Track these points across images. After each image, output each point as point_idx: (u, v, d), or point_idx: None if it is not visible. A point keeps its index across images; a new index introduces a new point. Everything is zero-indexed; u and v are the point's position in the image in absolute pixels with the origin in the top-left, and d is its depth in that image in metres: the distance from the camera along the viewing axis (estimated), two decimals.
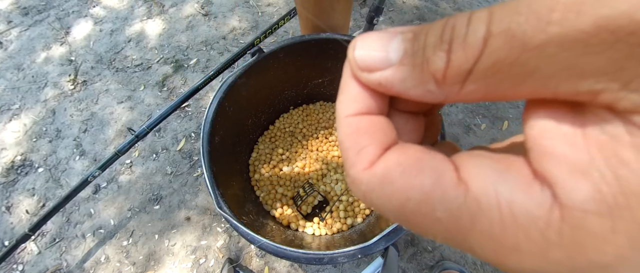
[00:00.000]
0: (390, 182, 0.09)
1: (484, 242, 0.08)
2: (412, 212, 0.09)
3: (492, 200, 0.08)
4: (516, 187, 0.08)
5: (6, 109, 0.98)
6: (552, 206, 0.07)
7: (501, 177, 0.08)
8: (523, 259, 0.07)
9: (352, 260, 0.54)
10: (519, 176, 0.08)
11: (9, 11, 1.18)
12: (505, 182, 0.08)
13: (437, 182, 0.08)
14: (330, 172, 0.71)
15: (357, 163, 0.10)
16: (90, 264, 0.77)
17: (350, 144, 0.10)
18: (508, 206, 0.07)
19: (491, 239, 0.08)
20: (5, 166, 0.89)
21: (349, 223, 0.65)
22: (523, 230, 0.07)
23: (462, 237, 0.08)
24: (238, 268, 0.74)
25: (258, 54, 0.59)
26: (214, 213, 0.82)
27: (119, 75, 1.03)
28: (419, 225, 0.09)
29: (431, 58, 0.08)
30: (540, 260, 0.07)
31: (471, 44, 0.08)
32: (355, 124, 0.10)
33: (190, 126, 0.93)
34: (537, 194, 0.07)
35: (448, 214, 0.08)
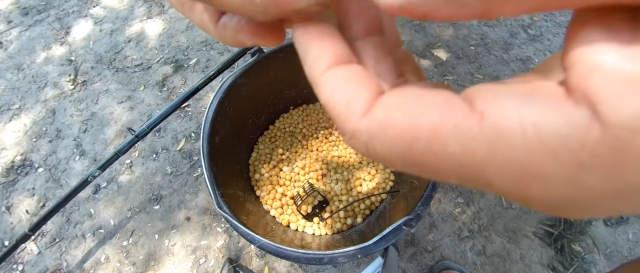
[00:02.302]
0: (392, 125, 0.08)
1: (504, 172, 0.07)
2: (422, 152, 0.08)
3: (514, 124, 0.06)
4: (545, 108, 0.06)
5: (6, 109, 0.98)
6: (589, 124, 0.06)
7: (526, 100, 0.07)
8: (549, 186, 0.07)
9: (352, 260, 0.54)
10: (549, 97, 0.07)
11: (9, 11, 1.18)
12: (531, 103, 0.07)
13: (446, 114, 0.07)
14: (330, 172, 0.71)
15: (351, 114, 0.08)
16: (90, 264, 0.77)
17: (336, 99, 0.09)
18: (534, 127, 0.06)
19: (513, 167, 0.07)
20: (5, 166, 0.89)
21: (349, 223, 0.65)
22: (552, 154, 0.06)
23: (480, 170, 0.07)
24: (238, 268, 0.74)
25: (258, 54, 0.59)
26: (214, 213, 0.82)
27: (119, 75, 1.03)
28: (430, 166, 0.08)
29: None
30: (568, 187, 0.06)
31: None
32: (334, 77, 0.09)
33: (190, 126, 0.93)
34: (570, 111, 0.06)
35: (462, 147, 0.07)
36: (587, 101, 0.06)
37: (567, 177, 0.06)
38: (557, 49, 1.02)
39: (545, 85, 0.07)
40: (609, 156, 0.06)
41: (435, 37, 1.07)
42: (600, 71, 0.06)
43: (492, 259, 0.76)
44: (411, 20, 1.11)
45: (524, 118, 0.06)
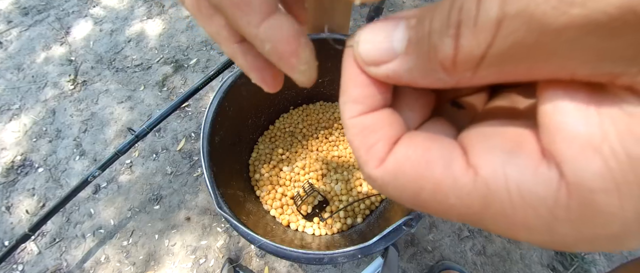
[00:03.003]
0: (402, 175, 0.09)
1: (496, 221, 0.08)
2: (426, 200, 0.09)
3: (501, 183, 0.08)
4: (524, 168, 0.08)
5: (6, 109, 0.98)
6: (559, 184, 0.07)
7: (509, 158, 0.08)
8: (533, 234, 0.08)
9: (352, 260, 0.54)
10: (527, 156, 0.08)
11: (9, 11, 1.18)
12: (513, 163, 0.08)
13: (446, 171, 0.08)
14: (330, 172, 0.71)
15: (369, 161, 0.10)
16: (90, 264, 0.77)
17: (359, 144, 0.10)
18: (516, 187, 0.07)
19: (503, 218, 0.08)
20: (5, 166, 0.89)
21: (349, 223, 0.65)
22: (532, 208, 0.07)
23: (476, 219, 0.08)
24: (238, 268, 0.74)
25: None
26: (214, 213, 0.82)
27: (119, 75, 1.03)
28: (434, 210, 0.09)
29: (438, 45, 0.08)
30: (548, 235, 0.08)
31: (483, 27, 0.07)
32: (361, 123, 0.10)
33: (190, 126, 0.93)
34: (544, 174, 0.07)
35: (460, 201, 0.08)
36: (555, 162, 0.07)
37: (546, 227, 0.07)
38: None
39: (526, 138, 0.08)
40: (577, 211, 0.07)
41: None
42: (562, 134, 0.07)
43: (492, 259, 0.76)
44: None
45: (509, 178, 0.08)
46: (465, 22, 0.07)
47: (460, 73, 0.08)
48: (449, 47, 0.08)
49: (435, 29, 0.08)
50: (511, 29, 0.07)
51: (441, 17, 0.08)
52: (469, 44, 0.07)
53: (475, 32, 0.07)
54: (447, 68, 0.08)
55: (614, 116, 0.07)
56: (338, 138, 0.76)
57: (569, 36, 0.06)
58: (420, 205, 0.09)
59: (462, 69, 0.08)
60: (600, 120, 0.07)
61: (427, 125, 0.12)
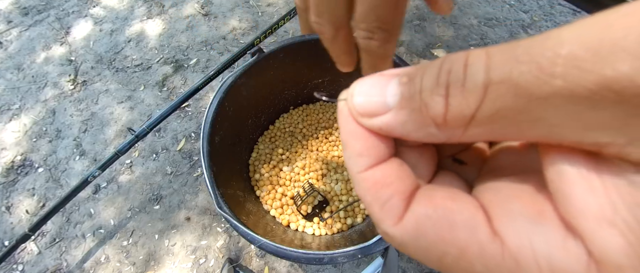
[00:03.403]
0: (423, 237, 0.09)
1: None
2: (450, 265, 0.09)
3: (530, 258, 0.08)
4: (552, 243, 0.08)
5: (6, 109, 0.98)
6: (588, 262, 0.07)
7: (535, 228, 0.08)
8: None
9: (352, 260, 0.54)
10: (552, 229, 0.08)
11: (9, 11, 1.18)
12: (540, 236, 0.08)
13: (472, 238, 0.08)
14: (330, 172, 0.71)
15: (385, 219, 0.09)
16: (90, 264, 0.77)
17: (371, 199, 0.10)
18: (547, 263, 0.07)
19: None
20: (5, 166, 0.89)
21: (349, 223, 0.65)
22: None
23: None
24: (238, 268, 0.74)
25: (258, 54, 0.59)
26: (214, 213, 0.82)
27: (119, 75, 1.03)
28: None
29: (429, 102, 0.08)
30: None
31: (471, 90, 0.07)
32: (371, 178, 0.10)
33: (190, 126, 0.93)
34: (572, 250, 0.07)
35: (487, 270, 0.08)
36: (579, 236, 0.07)
37: None
38: None
39: (545, 206, 0.08)
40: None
41: (435, 37, 1.07)
42: (575, 206, 0.07)
43: None
44: (411, 21, 1.11)
45: (537, 253, 0.08)
46: (454, 84, 0.08)
47: (451, 130, 0.08)
48: (440, 105, 0.08)
49: (425, 86, 0.08)
50: (497, 94, 0.07)
51: (431, 76, 0.08)
52: (459, 104, 0.08)
53: (463, 94, 0.08)
54: (438, 124, 0.08)
55: (617, 186, 0.07)
56: (338, 138, 0.76)
57: (554, 104, 0.06)
58: (443, 268, 0.09)
59: (453, 126, 0.08)
60: (605, 191, 0.07)
61: (439, 179, 0.11)
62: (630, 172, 0.07)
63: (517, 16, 1.10)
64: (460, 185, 0.11)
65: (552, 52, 0.06)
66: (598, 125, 0.06)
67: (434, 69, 0.08)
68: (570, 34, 0.06)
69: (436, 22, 1.10)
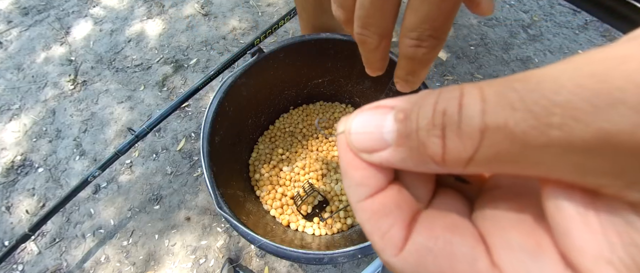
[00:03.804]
0: (424, 268, 0.09)
1: None
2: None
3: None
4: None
5: (6, 109, 0.98)
6: None
7: (533, 261, 0.08)
8: None
9: (352, 260, 0.54)
10: (550, 262, 0.08)
11: (9, 11, 1.18)
12: (537, 268, 0.08)
13: (471, 270, 0.09)
14: (330, 172, 0.71)
15: (386, 248, 0.10)
16: (90, 264, 0.77)
17: (371, 229, 0.10)
18: None
19: None
20: (5, 166, 0.89)
21: (349, 223, 0.65)
22: None
23: None
24: (238, 268, 0.74)
25: (258, 54, 0.59)
26: (214, 213, 0.82)
27: (119, 75, 1.03)
28: None
29: (426, 142, 0.08)
30: None
31: (467, 134, 0.07)
32: (370, 207, 0.10)
33: (190, 126, 0.93)
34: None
35: None
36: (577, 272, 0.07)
37: None
38: (557, 49, 1.02)
39: (543, 239, 0.08)
40: None
41: None
42: (573, 242, 0.07)
43: None
44: None
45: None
46: (450, 126, 0.08)
47: (450, 167, 0.08)
48: (437, 146, 0.08)
49: (422, 125, 0.08)
50: (494, 140, 0.07)
51: (426, 116, 0.08)
52: (456, 147, 0.08)
53: (460, 138, 0.08)
54: (437, 162, 0.08)
55: (614, 225, 0.07)
56: None
57: (551, 152, 0.07)
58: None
59: (452, 164, 0.08)
60: (603, 230, 0.07)
61: (439, 201, 0.12)
62: (627, 212, 0.07)
63: (517, 16, 1.10)
64: (461, 205, 0.11)
65: (547, 100, 0.06)
66: (596, 171, 0.07)
67: (428, 108, 0.08)
68: (566, 78, 0.06)
69: None
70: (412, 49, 0.17)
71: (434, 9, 0.15)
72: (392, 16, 0.17)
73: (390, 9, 0.17)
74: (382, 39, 0.18)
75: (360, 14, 0.17)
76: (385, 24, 0.17)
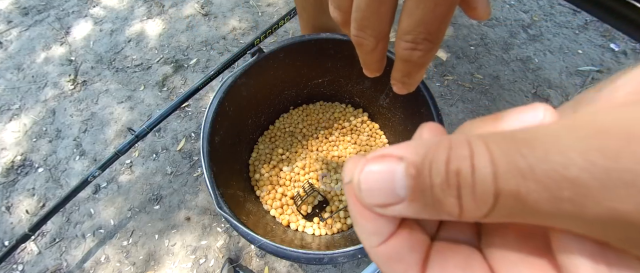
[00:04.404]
0: None
1: None
2: None
3: None
4: None
5: (6, 109, 0.98)
6: None
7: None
8: None
9: (352, 260, 0.54)
10: None
11: (9, 11, 1.18)
12: None
13: None
14: (330, 172, 0.71)
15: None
16: (90, 264, 0.77)
17: (387, 272, 0.11)
18: None
19: None
20: (5, 166, 0.89)
21: (349, 223, 0.65)
22: None
23: None
24: (238, 268, 0.74)
25: (258, 54, 0.59)
26: (214, 213, 0.82)
27: (119, 75, 1.03)
28: None
29: (443, 201, 0.08)
30: None
31: (482, 199, 0.08)
32: (384, 253, 0.10)
33: (190, 126, 0.93)
34: None
35: None
36: None
37: None
38: (557, 49, 1.02)
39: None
40: None
41: None
42: None
43: None
44: None
45: None
46: (464, 188, 0.08)
47: (467, 220, 0.09)
48: (454, 206, 0.08)
49: (436, 184, 0.08)
50: (508, 204, 0.07)
51: (440, 174, 0.08)
52: (472, 208, 0.08)
53: (475, 200, 0.08)
54: (454, 217, 0.09)
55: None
56: (338, 138, 0.76)
57: (562, 219, 0.07)
58: None
59: (469, 219, 0.09)
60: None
61: (447, 230, 0.12)
62: (635, 264, 0.07)
63: (517, 16, 1.10)
64: (469, 231, 0.12)
65: (558, 174, 0.06)
66: (608, 237, 0.07)
67: (441, 165, 0.08)
68: (575, 152, 0.06)
69: None
70: (408, 52, 0.17)
71: (429, 12, 0.15)
72: (388, 18, 0.17)
73: (386, 12, 0.17)
74: (379, 41, 0.18)
75: (357, 16, 0.18)
76: (382, 26, 0.18)
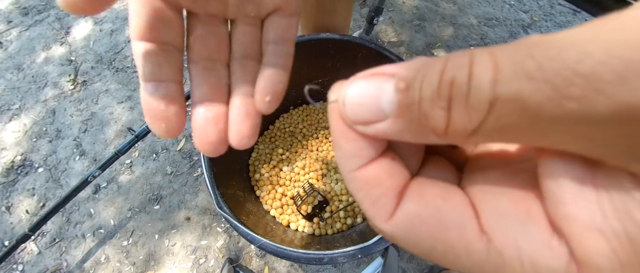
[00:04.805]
0: (413, 232, 0.09)
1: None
2: (438, 257, 0.09)
3: (514, 255, 0.08)
4: (536, 242, 0.08)
5: (6, 109, 0.98)
6: (569, 262, 0.07)
7: (521, 227, 0.08)
8: None
9: (352, 260, 0.54)
10: (539, 230, 0.08)
11: (9, 11, 1.18)
12: (526, 236, 0.08)
13: (460, 235, 0.09)
14: (330, 172, 0.71)
15: (377, 215, 0.10)
16: (90, 264, 0.77)
17: (363, 197, 0.10)
18: (530, 261, 0.08)
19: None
20: (5, 166, 0.89)
21: (349, 223, 0.65)
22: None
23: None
24: (238, 268, 0.74)
25: None
26: (214, 213, 0.82)
27: (119, 75, 1.03)
28: (445, 266, 0.10)
29: (429, 114, 0.08)
30: None
31: (475, 107, 0.07)
32: (362, 177, 0.10)
33: (190, 126, 0.93)
34: (555, 250, 0.08)
35: (473, 264, 0.09)
36: (564, 238, 0.08)
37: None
38: None
39: (534, 206, 0.08)
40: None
41: (435, 37, 1.07)
42: (566, 211, 0.07)
43: None
44: (411, 20, 1.11)
45: (522, 251, 0.08)
46: (457, 98, 0.07)
47: (451, 139, 0.08)
48: (441, 119, 0.08)
49: (425, 97, 0.08)
50: (503, 112, 0.07)
51: (431, 86, 0.08)
52: (461, 120, 0.07)
53: (467, 110, 0.07)
54: (439, 134, 0.08)
55: (611, 196, 0.07)
56: None
57: (562, 124, 0.06)
58: (432, 258, 0.09)
59: (454, 137, 0.08)
60: (598, 200, 0.07)
61: (428, 169, 0.11)
62: (627, 183, 0.07)
63: (517, 16, 1.10)
64: (450, 172, 0.11)
65: (570, 70, 0.06)
66: (606, 143, 0.06)
67: (434, 76, 0.08)
68: (595, 47, 0.06)
69: (436, 21, 1.11)
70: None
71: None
72: None
73: None
74: None
75: None
76: None
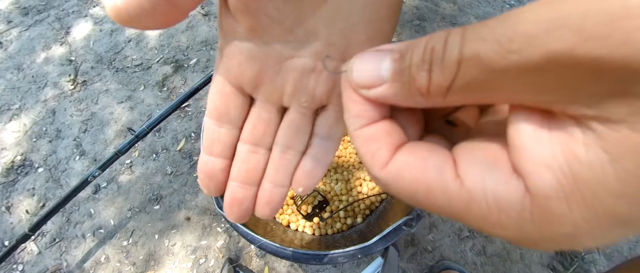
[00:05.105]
0: (401, 178, 0.11)
1: (476, 220, 0.10)
2: (420, 200, 0.11)
3: (480, 192, 0.09)
4: (499, 181, 0.09)
5: (6, 109, 0.98)
6: (524, 194, 0.09)
7: (488, 171, 0.10)
8: (506, 231, 0.10)
9: (352, 260, 0.54)
10: (501, 171, 0.09)
11: (9, 11, 1.18)
12: (490, 176, 0.10)
13: (438, 179, 0.10)
14: (330, 172, 0.71)
15: (374, 165, 0.12)
16: (90, 264, 0.77)
17: (364, 150, 0.12)
18: (493, 196, 0.09)
19: (481, 219, 0.10)
20: (5, 166, 0.89)
21: (349, 223, 0.65)
22: (504, 212, 0.09)
23: (460, 217, 0.10)
24: (238, 268, 0.74)
25: None
26: (214, 213, 0.82)
27: (119, 75, 1.03)
28: (427, 208, 0.11)
29: (416, 76, 0.10)
30: (518, 232, 0.09)
31: (447, 66, 0.09)
32: (365, 134, 0.12)
33: (190, 126, 0.93)
34: (513, 186, 0.09)
35: (448, 203, 0.10)
36: (522, 176, 0.09)
37: (515, 226, 0.09)
38: None
39: (501, 155, 0.10)
40: (538, 214, 0.09)
41: None
42: (523, 153, 0.09)
43: (492, 259, 0.76)
44: (411, 20, 1.11)
45: (487, 188, 0.09)
46: (435, 61, 0.09)
47: (433, 98, 0.10)
48: (424, 79, 0.10)
49: (413, 63, 0.10)
50: (467, 69, 0.09)
51: (418, 54, 0.10)
52: (438, 78, 0.09)
53: (442, 69, 0.09)
54: (423, 94, 0.10)
55: (560, 138, 0.08)
56: None
57: (511, 75, 0.08)
58: (415, 202, 0.11)
59: (435, 95, 0.10)
60: (550, 142, 0.08)
61: (427, 138, 0.14)
62: (570, 125, 0.08)
63: None
64: (446, 146, 0.13)
65: (512, 30, 0.08)
66: (546, 89, 0.08)
67: (420, 47, 0.10)
68: (531, 13, 0.07)
69: (436, 21, 1.11)
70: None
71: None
72: None
73: None
74: None
75: None
76: None
